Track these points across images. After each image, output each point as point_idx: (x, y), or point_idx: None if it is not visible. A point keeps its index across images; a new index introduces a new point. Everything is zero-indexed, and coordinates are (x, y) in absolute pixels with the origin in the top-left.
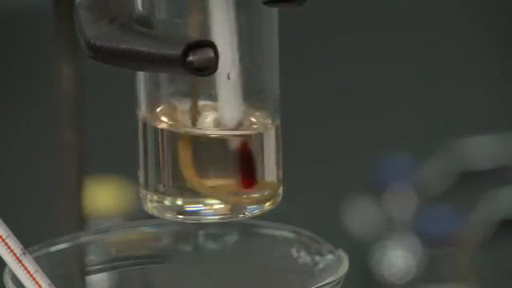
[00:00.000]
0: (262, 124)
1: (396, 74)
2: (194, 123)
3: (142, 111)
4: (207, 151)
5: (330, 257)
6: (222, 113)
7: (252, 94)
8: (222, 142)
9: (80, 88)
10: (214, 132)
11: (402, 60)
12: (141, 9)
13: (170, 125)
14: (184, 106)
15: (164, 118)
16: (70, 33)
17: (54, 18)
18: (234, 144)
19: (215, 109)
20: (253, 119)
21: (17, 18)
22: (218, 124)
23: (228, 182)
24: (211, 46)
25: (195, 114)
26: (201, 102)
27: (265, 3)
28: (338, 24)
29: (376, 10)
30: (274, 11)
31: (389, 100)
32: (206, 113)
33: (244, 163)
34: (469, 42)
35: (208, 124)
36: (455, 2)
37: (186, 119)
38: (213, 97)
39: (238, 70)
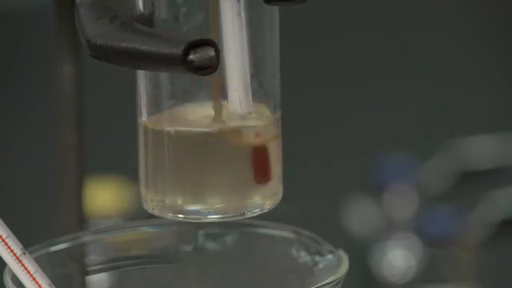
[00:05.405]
0: (263, 123)
1: (396, 74)
2: (217, 120)
3: (143, 110)
4: (214, 149)
5: (329, 257)
6: (233, 107)
7: (253, 93)
8: (234, 136)
9: (80, 88)
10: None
11: (402, 60)
12: (142, 8)
13: (172, 124)
14: (185, 106)
15: (166, 118)
16: (71, 33)
17: (54, 17)
18: (248, 140)
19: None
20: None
21: (17, 18)
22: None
23: (236, 179)
24: (212, 44)
25: (218, 112)
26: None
27: (266, 2)
28: (338, 23)
29: (376, 10)
30: (274, 10)
31: (389, 100)
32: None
33: (260, 161)
34: (469, 42)
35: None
36: (455, 2)
37: (187, 119)
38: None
39: (248, 66)
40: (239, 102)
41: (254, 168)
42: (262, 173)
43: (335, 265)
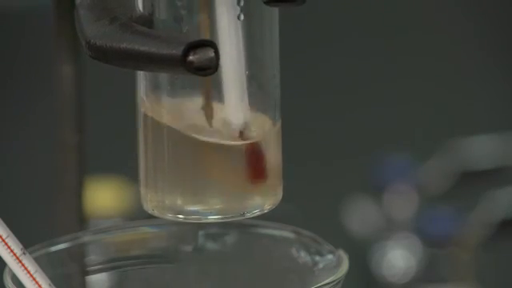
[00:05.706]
0: (263, 124)
1: (396, 74)
2: (208, 122)
3: (144, 109)
4: (214, 150)
5: (329, 257)
6: (229, 113)
7: (253, 94)
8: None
9: (80, 88)
10: (218, 140)
11: (402, 60)
12: (141, 8)
13: (174, 123)
14: (187, 104)
15: (167, 117)
16: (70, 33)
17: (53, 17)
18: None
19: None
20: (254, 119)
21: (17, 18)
22: (225, 123)
23: (236, 179)
24: (212, 45)
25: (209, 114)
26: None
27: (265, 3)
28: (337, 24)
29: (376, 10)
30: (274, 10)
31: (389, 100)
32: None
33: (253, 159)
34: (469, 42)
35: (217, 123)
36: (455, 2)
37: (191, 118)
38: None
39: (244, 69)
40: (235, 105)
41: (247, 167)
42: (255, 172)
43: (335, 265)
